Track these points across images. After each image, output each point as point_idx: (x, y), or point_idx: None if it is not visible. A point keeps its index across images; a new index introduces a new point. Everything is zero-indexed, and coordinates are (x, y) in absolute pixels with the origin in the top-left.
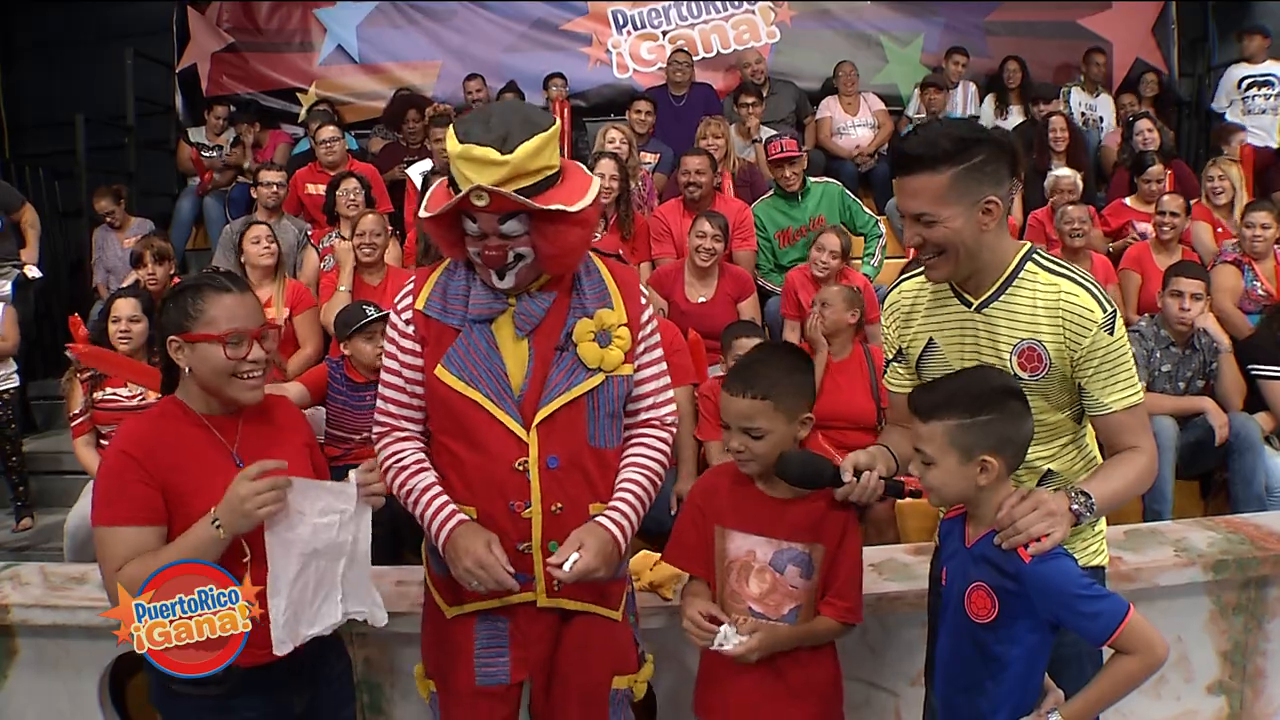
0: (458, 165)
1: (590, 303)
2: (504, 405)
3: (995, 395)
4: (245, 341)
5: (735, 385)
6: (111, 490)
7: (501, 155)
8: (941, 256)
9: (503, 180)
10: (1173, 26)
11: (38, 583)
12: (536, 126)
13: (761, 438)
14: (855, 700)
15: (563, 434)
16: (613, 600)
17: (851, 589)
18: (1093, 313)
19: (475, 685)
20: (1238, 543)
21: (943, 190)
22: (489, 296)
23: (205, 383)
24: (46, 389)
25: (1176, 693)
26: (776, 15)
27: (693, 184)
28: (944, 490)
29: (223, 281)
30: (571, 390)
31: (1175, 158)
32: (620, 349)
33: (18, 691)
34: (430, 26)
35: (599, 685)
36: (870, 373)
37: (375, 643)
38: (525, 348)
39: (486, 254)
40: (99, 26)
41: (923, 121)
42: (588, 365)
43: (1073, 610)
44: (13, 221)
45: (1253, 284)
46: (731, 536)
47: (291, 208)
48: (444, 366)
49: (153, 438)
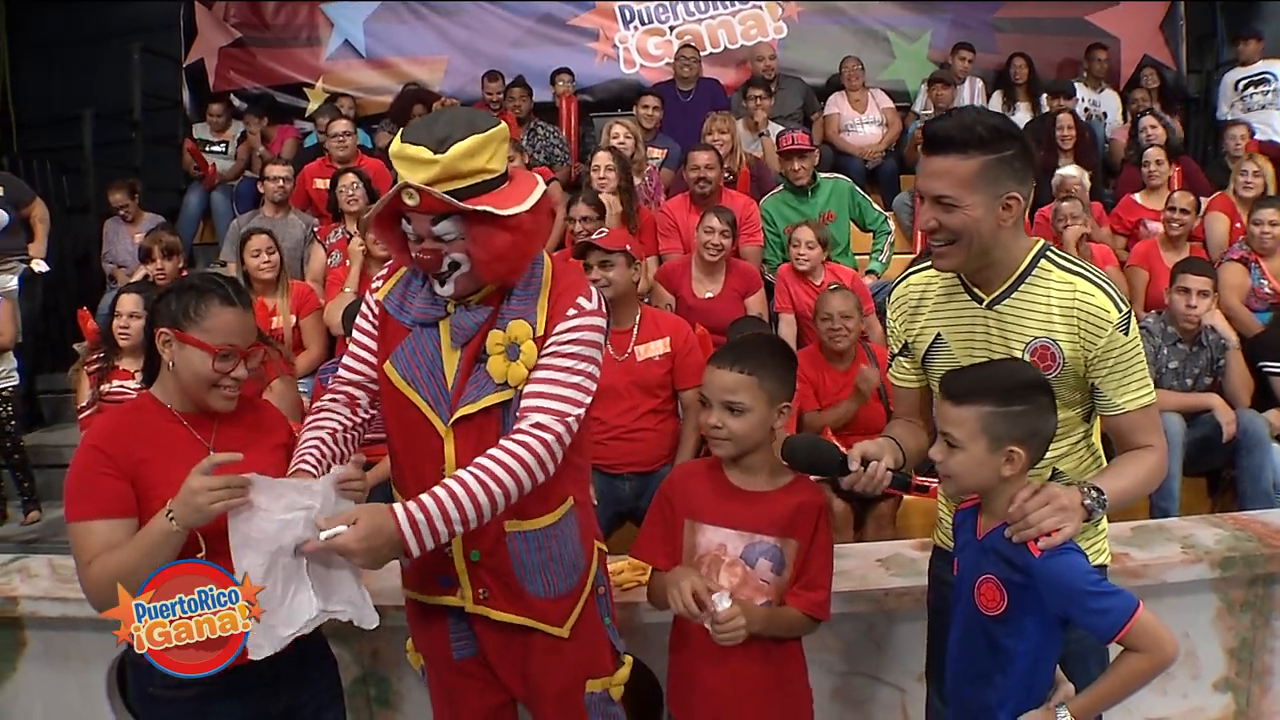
0: (395, 164)
1: (510, 314)
2: (439, 409)
3: (1028, 387)
4: (234, 358)
5: (722, 359)
6: (81, 486)
7: (433, 155)
8: (953, 245)
9: (433, 179)
10: (1181, 23)
11: (46, 575)
12: (475, 128)
13: (741, 414)
14: (860, 696)
15: (478, 436)
16: (553, 616)
17: (821, 583)
18: (1108, 313)
19: (453, 660)
20: (1245, 540)
21: (969, 176)
22: (429, 301)
23: (184, 383)
24: (54, 383)
25: (1183, 689)
26: (784, 11)
27: (702, 179)
28: (964, 478)
29: (229, 294)
30: (480, 401)
31: (1183, 154)
32: (525, 365)
33: (26, 683)
34: (437, 21)
35: (568, 692)
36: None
37: (383, 635)
38: (457, 356)
39: (421, 257)
40: (107, 22)
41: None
42: (494, 379)
43: (1081, 606)
44: (22, 216)
45: (1260, 281)
46: (703, 530)
47: (299, 202)
48: (391, 364)
49: (124, 431)
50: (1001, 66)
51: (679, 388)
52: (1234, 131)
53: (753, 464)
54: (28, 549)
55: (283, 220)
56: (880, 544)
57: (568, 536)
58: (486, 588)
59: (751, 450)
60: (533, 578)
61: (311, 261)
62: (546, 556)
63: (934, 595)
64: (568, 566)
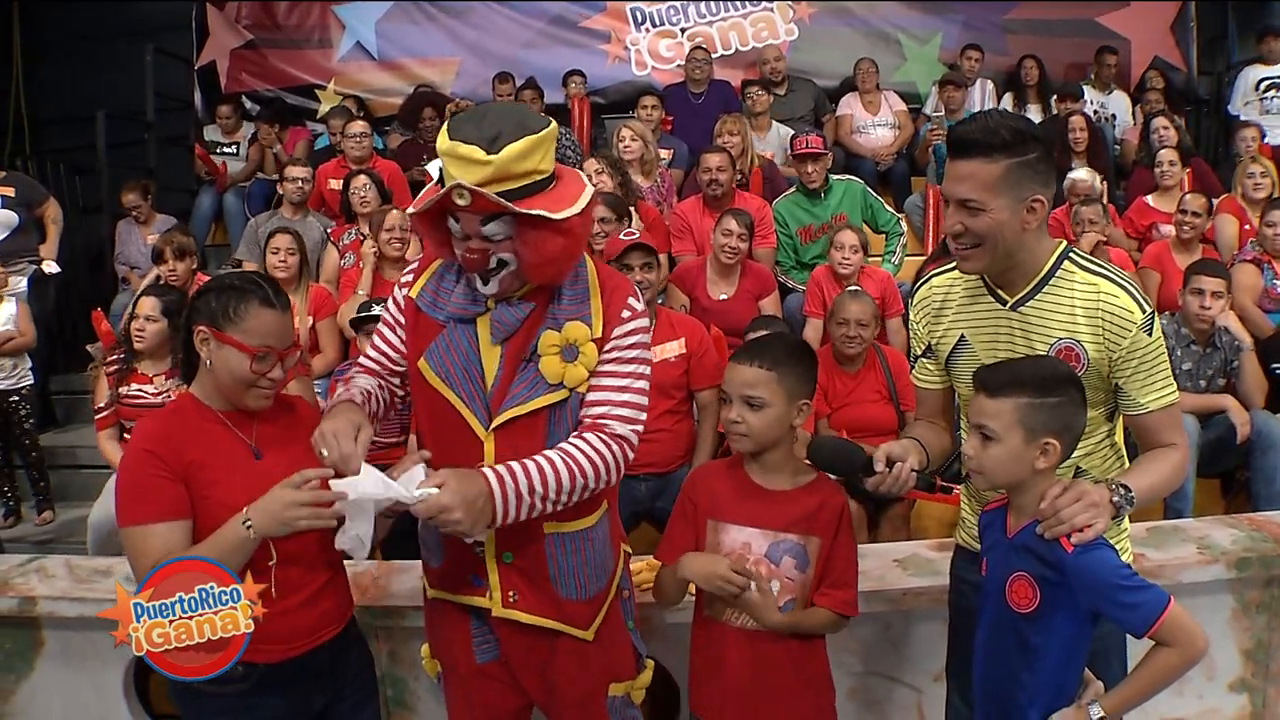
0: (444, 161)
1: (563, 315)
2: (473, 407)
3: (1063, 381)
4: (271, 359)
5: (743, 355)
6: (136, 489)
7: (487, 155)
8: (978, 249)
9: (486, 180)
10: (1192, 24)
11: (63, 575)
12: (528, 129)
13: (760, 409)
14: (877, 695)
15: (521, 442)
16: (580, 619)
17: (848, 581)
18: (1132, 314)
19: (475, 664)
20: (1261, 540)
21: (994, 179)
22: (468, 298)
23: (220, 382)
24: (67, 383)
25: (1199, 690)
26: (795, 13)
27: (714, 181)
28: (998, 471)
29: (269, 295)
30: (530, 402)
31: (1194, 155)
32: (585, 366)
33: (43, 683)
34: (449, 23)
35: (590, 696)
36: (887, 377)
37: (399, 637)
38: (498, 353)
39: (468, 256)
40: (120, 23)
41: (944, 124)
42: (548, 380)
43: (1114, 601)
44: (35, 216)
45: (1273, 282)
46: (726, 529)
47: (314, 203)
48: (425, 360)
49: (171, 433)
50: (1012, 68)
51: (694, 388)
52: (1245, 133)
53: (774, 462)
54: (42, 549)
55: (301, 221)
56: (898, 544)
57: (602, 539)
58: (516, 590)
59: (771, 446)
60: (565, 580)
61: (325, 263)
62: (581, 560)
63: (956, 595)
64: (598, 569)
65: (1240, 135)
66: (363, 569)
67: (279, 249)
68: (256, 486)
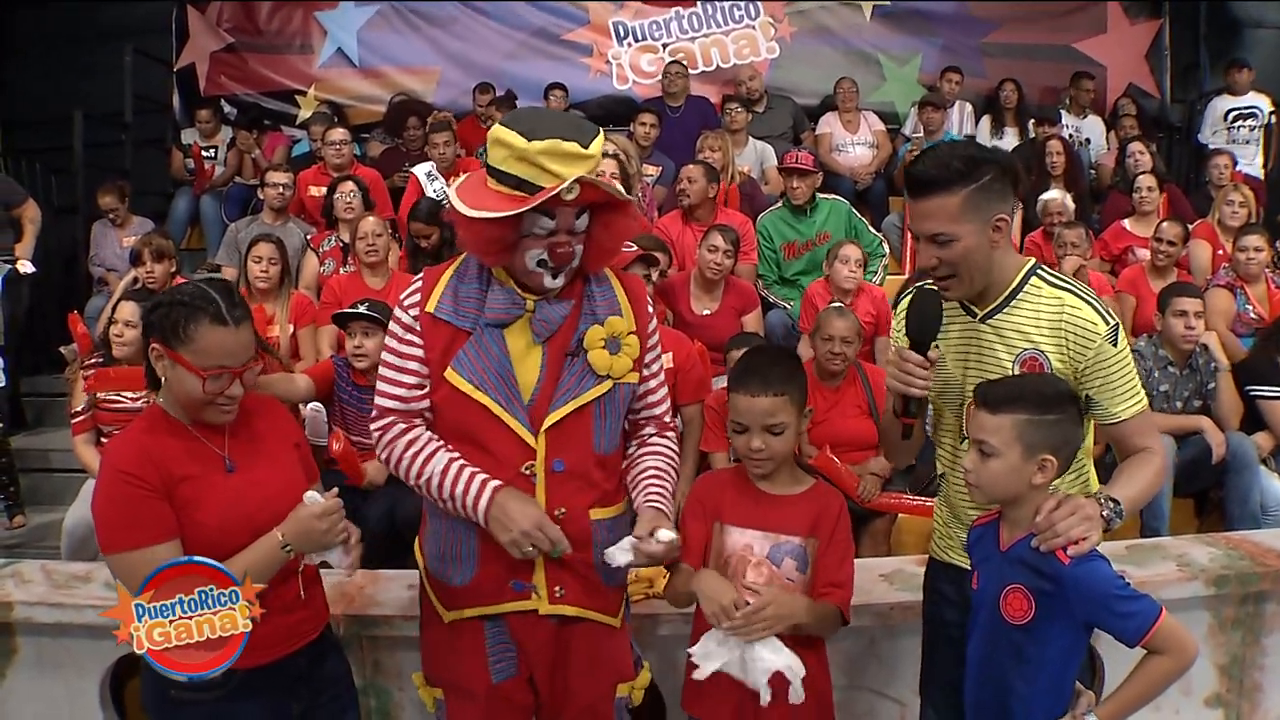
0: (539, 161)
1: (601, 310)
2: (513, 410)
3: (1062, 398)
4: (225, 378)
5: (755, 385)
6: (127, 513)
7: (584, 149)
8: (954, 278)
9: (589, 173)
10: (1166, 53)
11: (41, 581)
12: (588, 124)
13: (781, 433)
14: (860, 709)
15: (570, 439)
16: (613, 606)
17: (848, 579)
18: (1096, 325)
19: (492, 684)
20: (1238, 559)
21: (958, 209)
22: (507, 301)
23: (178, 399)
24: (38, 385)
25: (1175, 705)
26: (776, 31)
27: (682, 191)
28: (994, 486)
29: (221, 312)
30: (581, 396)
31: (1168, 181)
32: (629, 356)
33: (16, 691)
34: (431, 32)
35: (603, 698)
36: (867, 392)
37: (385, 647)
38: (538, 353)
39: (558, 252)
40: (98, 23)
41: (923, 144)
42: (597, 372)
43: (1110, 610)
44: (13, 216)
45: (1245, 307)
46: (729, 532)
47: (293, 209)
48: (454, 369)
49: (149, 451)
50: (990, 91)
51: (680, 402)
52: (1218, 160)
53: (779, 470)
54: (12, 554)
55: (282, 227)
56: (882, 559)
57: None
58: (563, 585)
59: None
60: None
61: (305, 269)
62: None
63: (930, 606)
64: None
65: (1214, 163)
66: (348, 579)
67: (261, 258)
68: (232, 501)
